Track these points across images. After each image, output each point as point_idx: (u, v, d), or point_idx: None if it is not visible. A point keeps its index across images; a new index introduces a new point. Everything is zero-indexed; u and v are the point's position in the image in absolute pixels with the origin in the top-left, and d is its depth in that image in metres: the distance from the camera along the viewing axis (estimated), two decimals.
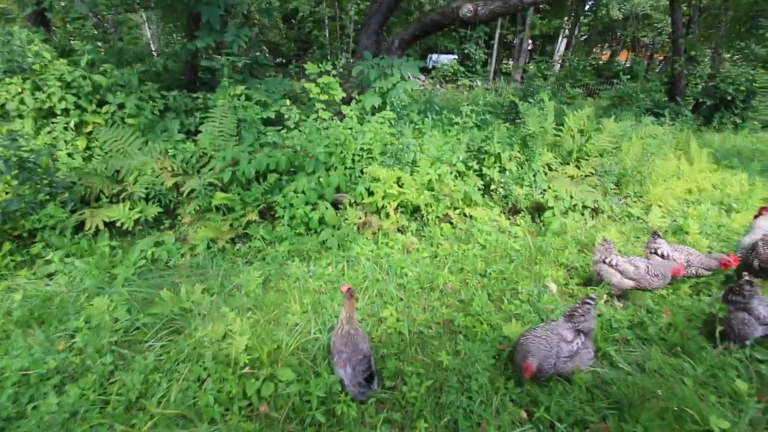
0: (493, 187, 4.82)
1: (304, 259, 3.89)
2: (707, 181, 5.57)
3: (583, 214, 4.76)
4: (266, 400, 2.33)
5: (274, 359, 2.60)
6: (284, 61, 17.39)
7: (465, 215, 4.59)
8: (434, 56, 23.88)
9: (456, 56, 22.98)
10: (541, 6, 17.46)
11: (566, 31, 20.02)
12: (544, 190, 4.81)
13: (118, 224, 4.05)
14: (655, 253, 3.43)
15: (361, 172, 4.72)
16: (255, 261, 3.83)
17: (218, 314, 2.93)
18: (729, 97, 9.76)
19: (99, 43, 7.31)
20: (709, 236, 4.35)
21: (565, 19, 19.29)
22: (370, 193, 4.51)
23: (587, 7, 19.83)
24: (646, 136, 5.77)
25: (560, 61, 19.60)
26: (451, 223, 4.53)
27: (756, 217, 3.70)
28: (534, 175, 4.94)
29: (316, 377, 2.42)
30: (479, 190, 4.75)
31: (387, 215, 4.42)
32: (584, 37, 21.87)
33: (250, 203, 4.27)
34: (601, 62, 20.57)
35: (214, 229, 3.95)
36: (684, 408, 2.12)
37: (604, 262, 3.22)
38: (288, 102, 5.50)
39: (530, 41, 23.20)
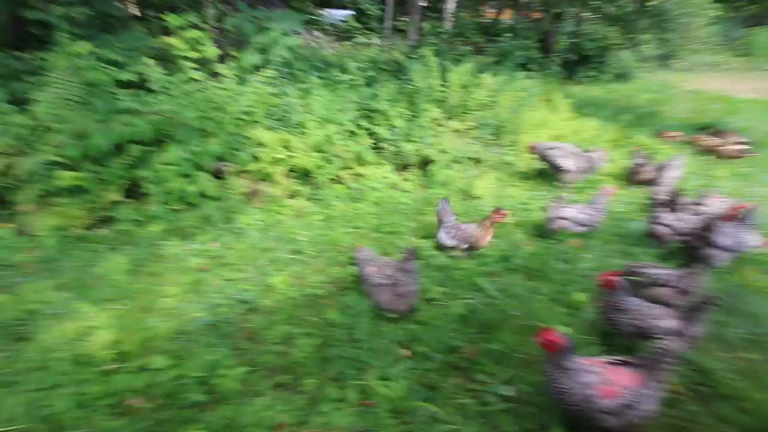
0: (383, 144, 4.87)
1: (184, 236, 3.57)
2: (568, 128, 6.31)
3: (466, 165, 5.08)
4: (139, 393, 2.14)
5: (146, 348, 2.38)
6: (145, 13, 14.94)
7: (357, 174, 4.60)
8: (330, 11, 22.76)
9: (353, 12, 22.16)
10: None
11: None
12: (431, 145, 5.00)
13: None
14: None
15: (245, 137, 4.39)
16: (121, 246, 3.40)
17: (74, 311, 2.56)
18: (588, 53, 11.04)
19: None
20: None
21: None
22: (256, 160, 4.24)
23: None
24: (519, 90, 6.27)
25: (452, 19, 20.12)
26: (344, 184, 4.50)
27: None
28: (422, 130, 5.10)
29: (194, 359, 2.28)
30: (371, 148, 4.77)
31: (276, 182, 4.22)
32: None
33: (110, 181, 3.71)
34: (488, 21, 21.62)
35: (64, 216, 3.39)
36: (536, 322, 2.46)
37: (560, 218, 3.47)
38: (151, 62, 4.77)
39: None
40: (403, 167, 4.98)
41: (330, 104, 4.73)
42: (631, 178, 4.75)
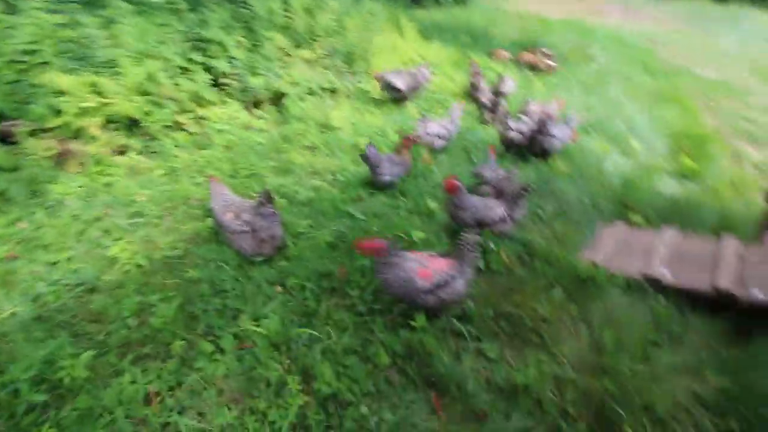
0: (225, 80, 4.32)
1: None
2: (415, 53, 6.52)
3: (321, 96, 4.91)
4: None
5: None
6: None
7: (199, 118, 4.05)
8: None
9: None
10: None
11: None
12: (281, 77, 4.65)
13: None
14: None
15: (33, 84, 3.41)
16: None
17: None
18: None
19: None
20: (417, 97, 5.25)
21: None
22: (58, 113, 3.37)
23: None
24: (365, 14, 6.11)
25: None
26: (185, 130, 3.95)
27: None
28: (268, 61, 4.66)
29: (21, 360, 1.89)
30: (210, 86, 4.20)
31: (92, 137, 3.46)
32: None
33: None
34: None
35: None
36: (398, 233, 2.67)
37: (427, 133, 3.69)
38: None
39: None
40: (253, 104, 4.56)
41: (146, 35, 3.91)
42: (471, 93, 5.25)
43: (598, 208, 3.23)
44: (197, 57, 4.24)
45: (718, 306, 2.21)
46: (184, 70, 4.15)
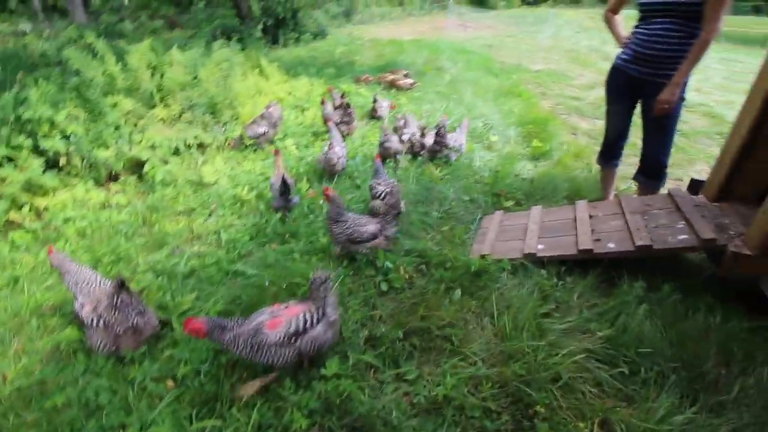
0: (64, 160, 3.77)
1: None
2: (282, 90, 6.53)
3: (191, 153, 4.59)
4: None
5: None
6: None
7: (40, 209, 3.46)
8: None
9: None
10: None
11: None
12: (137, 143, 4.22)
13: None
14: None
15: None
16: None
17: None
18: (281, 16, 11.48)
19: None
20: (295, 134, 5.23)
21: None
22: None
23: None
24: (220, 62, 5.94)
25: None
26: (23, 228, 3.32)
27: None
28: (116, 129, 4.21)
29: None
30: (46, 170, 3.62)
31: None
32: None
33: None
34: None
35: None
36: (296, 279, 2.54)
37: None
38: None
39: None
40: (109, 179, 4.05)
41: None
42: (372, 115, 5.63)
43: (477, 203, 3.51)
44: (22, 141, 3.64)
45: (587, 264, 2.52)
46: (9, 160, 3.53)
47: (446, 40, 12.31)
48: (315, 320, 1.88)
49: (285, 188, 3.21)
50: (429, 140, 4.21)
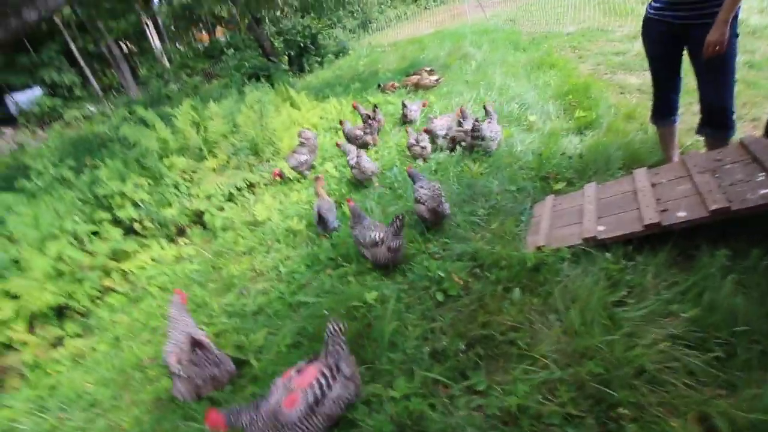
0: (138, 225, 4.23)
1: None
2: (315, 116, 6.76)
3: (242, 195, 4.91)
4: None
5: None
6: None
7: (125, 272, 3.90)
8: (15, 97, 18.11)
9: (41, 89, 18.20)
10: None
11: (149, 25, 18.91)
12: (195, 196, 4.62)
13: None
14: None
15: None
16: None
17: None
18: (302, 44, 11.94)
19: None
20: (332, 156, 5.39)
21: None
22: None
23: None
24: (254, 103, 6.31)
25: (165, 56, 18.72)
26: (116, 291, 3.77)
27: None
28: (176, 187, 4.64)
29: None
30: (125, 237, 4.09)
31: (23, 344, 3.22)
32: (172, 26, 21.40)
33: None
34: (204, 44, 20.98)
35: None
36: (352, 303, 2.61)
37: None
38: None
39: (123, 44, 20.79)
40: (177, 233, 4.47)
41: (42, 219, 3.79)
42: (403, 120, 5.68)
43: (525, 191, 3.34)
44: (102, 215, 4.14)
45: (656, 240, 2.30)
46: (93, 234, 4.03)
47: (466, 26, 11.97)
48: (331, 379, 1.80)
49: (320, 218, 3.44)
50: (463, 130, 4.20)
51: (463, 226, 3.05)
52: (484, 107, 4.39)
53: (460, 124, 4.36)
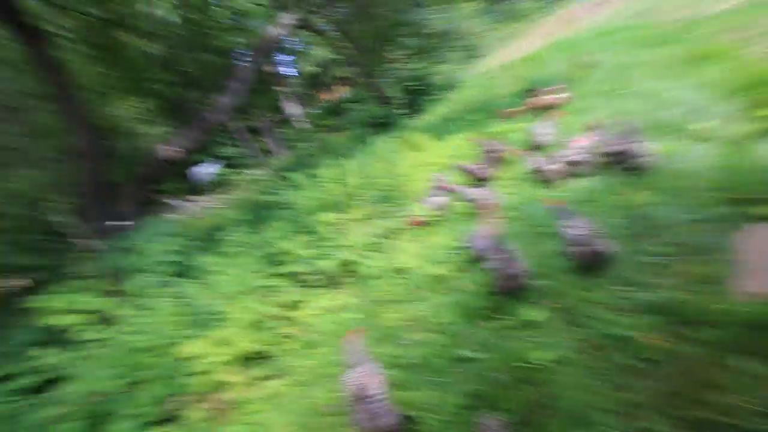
0: (303, 278, 4.86)
1: None
2: (440, 153, 6.92)
3: (383, 243, 5.26)
4: None
5: None
6: None
7: (299, 323, 4.47)
8: (197, 170, 23.18)
9: (220, 163, 22.90)
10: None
11: (284, 96, 22.35)
12: (344, 248, 5.12)
13: None
14: None
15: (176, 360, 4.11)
16: None
17: None
18: (414, 87, 12.61)
19: None
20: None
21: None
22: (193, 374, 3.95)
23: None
24: (381, 152, 6.84)
25: (306, 120, 21.75)
26: (295, 337, 4.35)
27: None
28: (329, 240, 5.23)
29: None
30: (295, 288, 4.74)
31: (231, 384, 3.94)
32: (303, 93, 24.90)
33: None
34: (331, 102, 23.83)
35: None
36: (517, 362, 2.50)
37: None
38: None
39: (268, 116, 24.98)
40: (334, 283, 4.98)
41: (236, 278, 4.68)
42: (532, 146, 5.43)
43: (713, 220, 2.82)
44: (278, 270, 4.90)
45: None
46: (272, 288, 4.77)
47: (582, 31, 11.07)
48: None
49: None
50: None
51: (638, 269, 2.70)
52: (629, 121, 3.92)
53: (602, 142, 3.97)
